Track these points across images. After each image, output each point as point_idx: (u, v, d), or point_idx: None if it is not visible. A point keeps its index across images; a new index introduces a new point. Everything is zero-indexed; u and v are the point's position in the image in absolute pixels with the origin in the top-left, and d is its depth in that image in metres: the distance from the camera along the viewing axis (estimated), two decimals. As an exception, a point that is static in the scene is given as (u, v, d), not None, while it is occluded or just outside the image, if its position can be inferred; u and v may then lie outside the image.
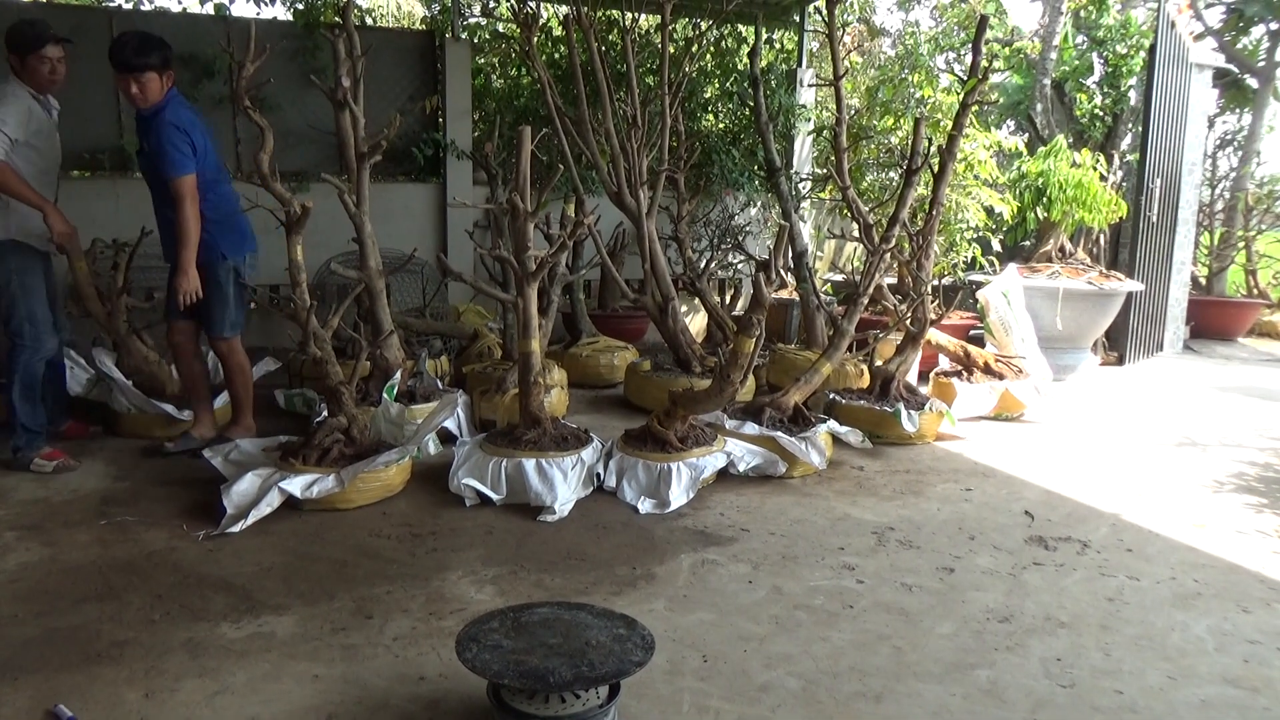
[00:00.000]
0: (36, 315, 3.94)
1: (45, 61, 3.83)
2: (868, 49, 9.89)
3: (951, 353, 5.55)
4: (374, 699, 2.28)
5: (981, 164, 7.04)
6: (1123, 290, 6.73)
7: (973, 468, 4.37)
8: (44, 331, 3.97)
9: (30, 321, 3.93)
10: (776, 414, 4.34)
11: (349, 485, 3.54)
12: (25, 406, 3.94)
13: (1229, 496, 4.04)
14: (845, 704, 2.30)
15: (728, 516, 3.61)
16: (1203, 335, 8.81)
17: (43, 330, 3.96)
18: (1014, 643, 2.63)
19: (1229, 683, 2.44)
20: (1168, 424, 5.36)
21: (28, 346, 3.93)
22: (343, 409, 3.79)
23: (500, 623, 2.28)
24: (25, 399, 3.94)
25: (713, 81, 8.14)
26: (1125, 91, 9.06)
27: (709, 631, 2.66)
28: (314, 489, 3.49)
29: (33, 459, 3.91)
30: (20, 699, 2.23)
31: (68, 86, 4.06)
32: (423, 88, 7.27)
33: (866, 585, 3.01)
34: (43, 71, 3.84)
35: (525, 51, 5.41)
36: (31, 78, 3.85)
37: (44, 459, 3.91)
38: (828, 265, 8.89)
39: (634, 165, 5.20)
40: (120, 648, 2.51)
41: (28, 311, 3.93)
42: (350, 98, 4.38)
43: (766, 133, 6.48)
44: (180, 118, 3.85)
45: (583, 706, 2.10)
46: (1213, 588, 3.04)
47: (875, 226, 5.13)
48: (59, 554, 3.14)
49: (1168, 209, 7.49)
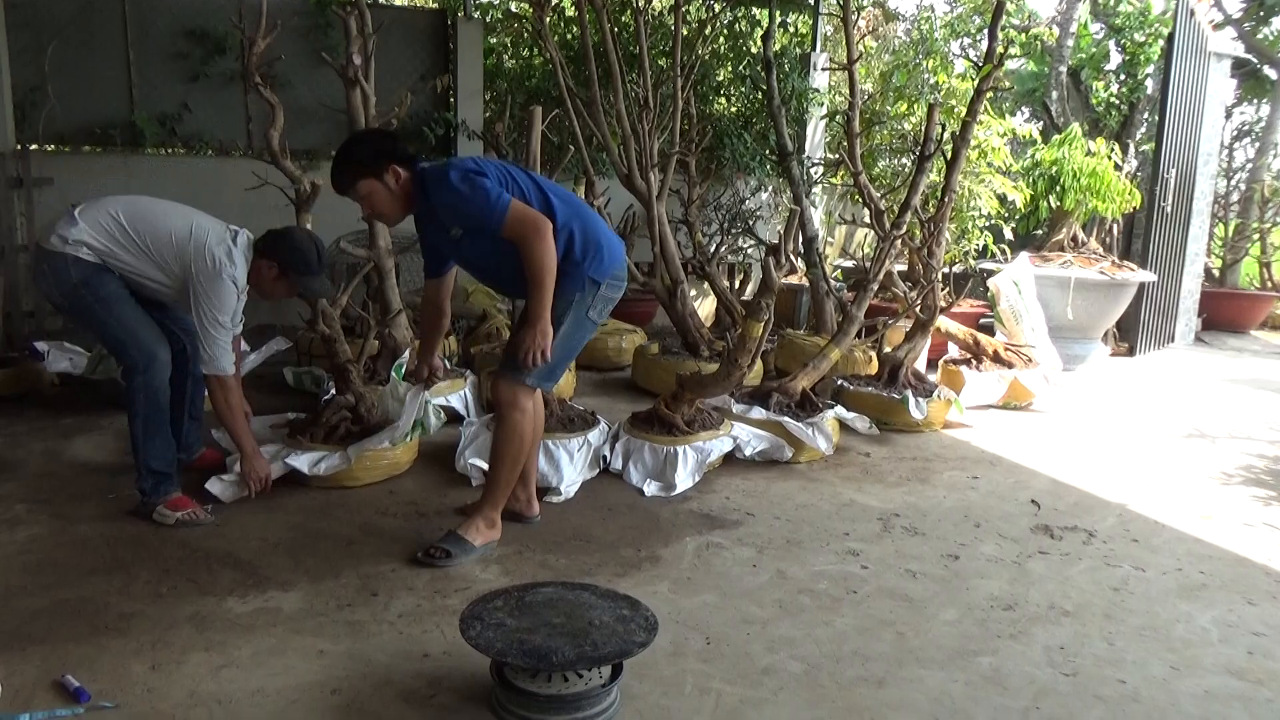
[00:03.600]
0: (135, 328, 3.22)
1: (291, 294, 3.38)
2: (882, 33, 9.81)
3: (961, 341, 5.53)
4: (378, 675, 2.29)
5: (995, 151, 6.99)
6: (1135, 281, 6.68)
7: (980, 456, 4.36)
8: (150, 343, 3.22)
9: (131, 337, 3.21)
10: (784, 399, 4.33)
11: (355, 463, 3.53)
12: (149, 443, 3.21)
13: (1237, 489, 4.02)
14: (848, 688, 2.30)
15: (733, 500, 3.61)
16: (1215, 327, 8.76)
17: (147, 342, 3.22)
18: (1018, 630, 2.63)
19: (1233, 674, 2.43)
20: (1177, 415, 5.33)
21: (139, 366, 3.19)
22: (350, 387, 3.75)
23: (504, 602, 2.29)
24: (149, 433, 3.21)
25: (725, 64, 8.09)
26: (1142, 80, 8.98)
27: (712, 614, 2.66)
28: (321, 466, 3.51)
29: (156, 507, 3.19)
30: (28, 669, 2.25)
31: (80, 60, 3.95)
32: (434, 67, 7.25)
33: (871, 571, 3.01)
34: (277, 289, 3.34)
35: (537, 31, 5.38)
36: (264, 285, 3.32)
37: (168, 508, 3.18)
38: (838, 251, 8.85)
39: (645, 148, 5.18)
40: (127, 620, 2.52)
41: (123, 328, 3.21)
42: (361, 76, 4.37)
43: (779, 117, 6.44)
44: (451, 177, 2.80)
45: (585, 686, 2.11)
46: (1219, 579, 3.03)
47: (886, 213, 5.10)
48: (67, 527, 3.16)
49: (1182, 199, 7.43)
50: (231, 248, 3.20)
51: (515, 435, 3.01)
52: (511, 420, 3.01)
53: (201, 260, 3.14)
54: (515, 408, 3.00)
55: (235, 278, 3.17)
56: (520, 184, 2.91)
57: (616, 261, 3.03)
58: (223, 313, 3.16)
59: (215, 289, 3.14)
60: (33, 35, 6.16)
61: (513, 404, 3.00)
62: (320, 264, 3.30)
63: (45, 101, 6.22)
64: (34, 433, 4.20)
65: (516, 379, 2.98)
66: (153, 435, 3.22)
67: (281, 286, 3.32)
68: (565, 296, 2.92)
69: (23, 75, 6.15)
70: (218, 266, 3.14)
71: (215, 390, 3.22)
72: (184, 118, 6.64)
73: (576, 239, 2.93)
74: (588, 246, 2.95)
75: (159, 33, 6.54)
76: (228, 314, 3.18)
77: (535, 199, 2.90)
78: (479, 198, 2.78)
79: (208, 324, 3.14)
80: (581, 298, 2.96)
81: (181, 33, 6.57)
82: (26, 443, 4.05)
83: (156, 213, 3.23)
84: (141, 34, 6.49)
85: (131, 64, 6.49)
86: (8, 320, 5.52)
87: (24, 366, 4.81)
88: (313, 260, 3.29)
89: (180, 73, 6.62)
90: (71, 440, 4.10)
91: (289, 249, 3.27)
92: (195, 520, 3.18)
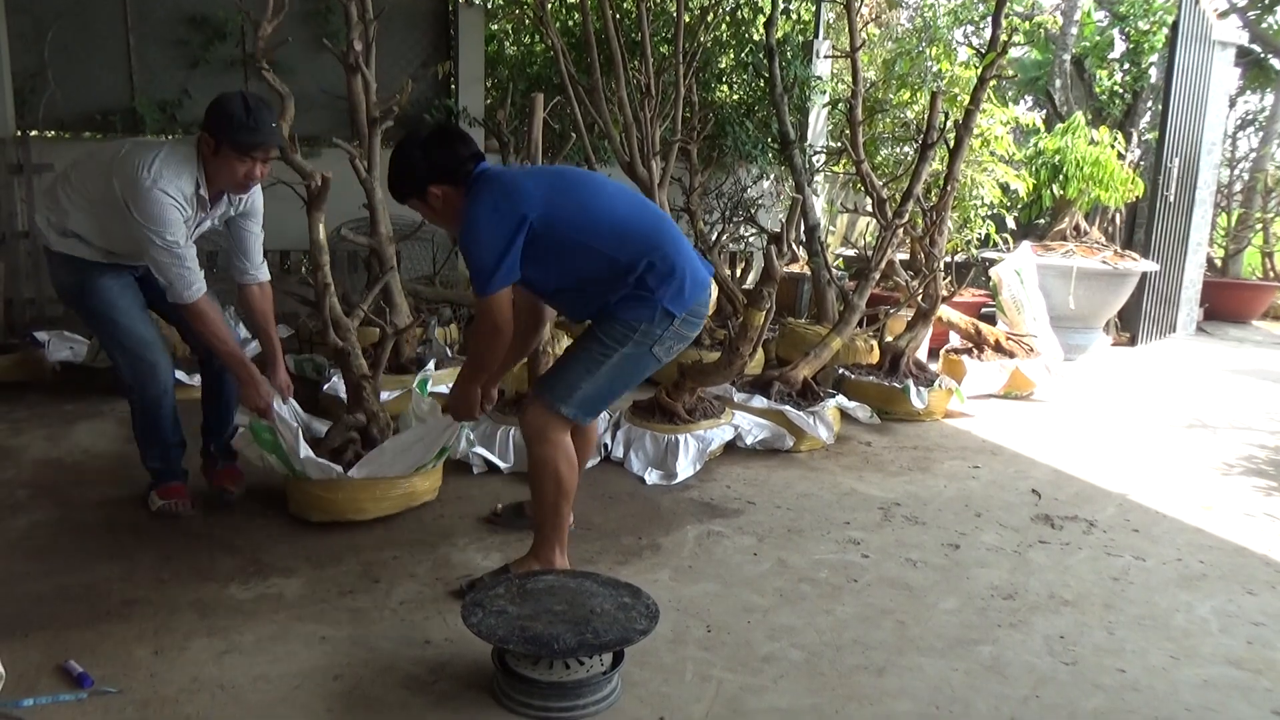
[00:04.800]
0: (127, 338, 3.01)
1: (245, 163, 2.84)
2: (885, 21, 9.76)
3: (962, 330, 5.52)
4: (380, 661, 2.30)
5: (998, 140, 6.96)
6: (1137, 270, 6.67)
7: (981, 445, 4.36)
8: (144, 352, 3.02)
9: (121, 349, 3.03)
10: (785, 388, 4.33)
11: (361, 492, 3.08)
12: (146, 447, 3.17)
13: (1238, 479, 4.02)
14: (847, 676, 2.31)
15: (734, 489, 3.62)
16: (1217, 317, 8.74)
17: (141, 352, 3.02)
18: (1017, 620, 2.64)
19: (1232, 664, 2.44)
20: (1178, 405, 5.33)
21: (134, 381, 3.05)
22: (363, 406, 3.30)
23: (506, 589, 2.30)
24: (147, 440, 3.15)
25: (728, 52, 8.05)
26: (1146, 69, 8.93)
27: (713, 602, 2.67)
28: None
29: (150, 492, 3.21)
30: (32, 654, 2.26)
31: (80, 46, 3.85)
32: (435, 53, 7.22)
33: (871, 560, 3.01)
34: (226, 168, 2.85)
35: (539, 18, 5.35)
36: (220, 171, 2.87)
37: (158, 494, 3.17)
38: (840, 240, 8.83)
39: (647, 135, 5.16)
40: (130, 606, 2.53)
41: (119, 335, 3.02)
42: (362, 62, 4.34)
43: (781, 104, 6.41)
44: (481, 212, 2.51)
45: (586, 673, 2.12)
46: (1219, 569, 3.04)
47: (889, 201, 5.09)
48: (70, 513, 3.17)
49: (1185, 189, 7.40)
50: (162, 154, 2.78)
51: (547, 473, 2.58)
52: (540, 455, 2.58)
53: (124, 174, 2.75)
54: (544, 440, 2.57)
55: (164, 188, 2.74)
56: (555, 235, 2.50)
57: (699, 294, 2.61)
58: (165, 230, 2.75)
59: (145, 204, 2.72)
60: (33, 21, 6.13)
61: (541, 436, 2.58)
62: (249, 113, 2.76)
63: (45, 87, 6.20)
64: (35, 419, 4.20)
65: (550, 407, 2.56)
66: (150, 443, 3.15)
67: (226, 161, 2.81)
68: (628, 323, 2.54)
69: (23, 61, 6.12)
70: (138, 177, 2.72)
71: (192, 321, 2.94)
72: (184, 104, 6.61)
73: (655, 268, 2.54)
74: (665, 275, 2.54)
75: (159, 18, 6.51)
76: (171, 230, 2.76)
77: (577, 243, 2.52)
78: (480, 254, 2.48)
79: (154, 251, 2.77)
80: (649, 328, 2.54)
81: (182, 19, 6.54)
82: (28, 429, 4.05)
83: (94, 152, 2.97)
84: (141, 19, 6.46)
85: (132, 50, 6.46)
86: (9, 307, 5.52)
87: (25, 353, 4.81)
88: (236, 110, 2.75)
89: (181, 59, 6.58)
90: (73, 427, 4.11)
91: (214, 110, 2.80)
92: (173, 511, 3.11)
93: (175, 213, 2.77)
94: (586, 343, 2.61)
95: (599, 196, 2.62)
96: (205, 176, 2.86)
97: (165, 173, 2.76)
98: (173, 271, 2.81)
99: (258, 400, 3.04)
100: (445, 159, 2.57)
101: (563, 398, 2.56)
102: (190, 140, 2.89)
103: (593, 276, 2.57)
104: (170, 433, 3.17)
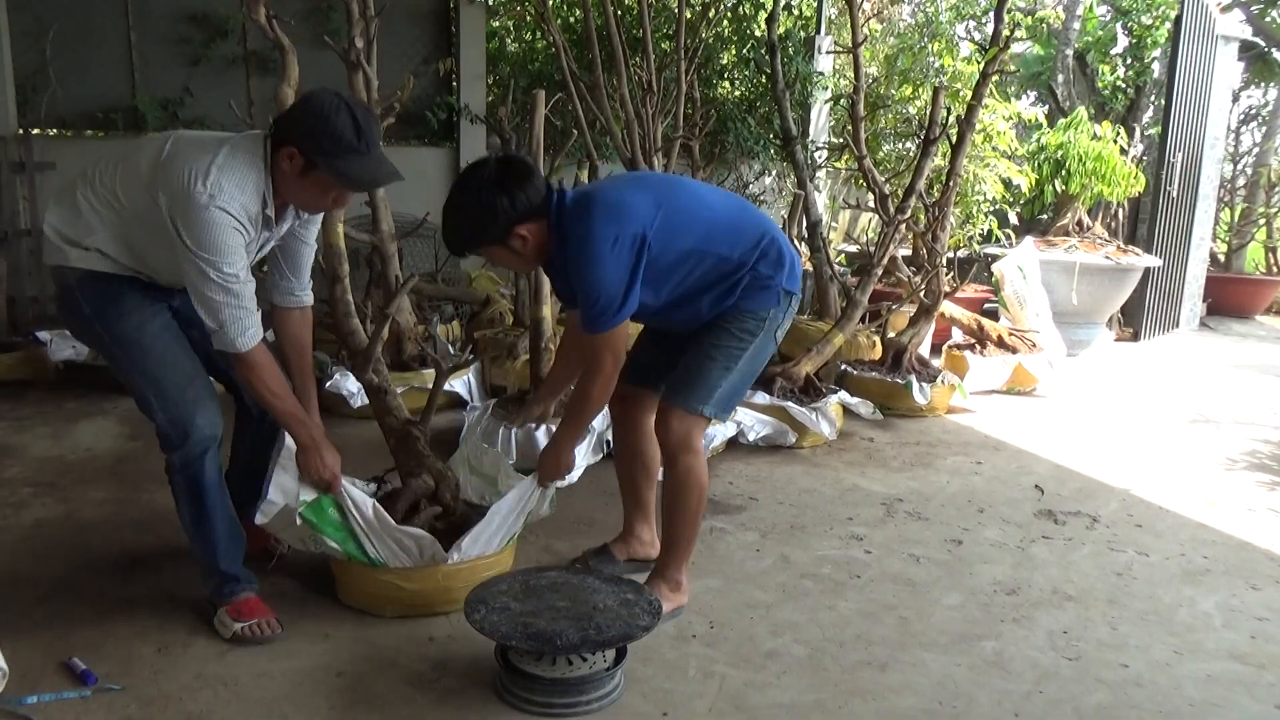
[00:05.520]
0: (164, 384, 2.30)
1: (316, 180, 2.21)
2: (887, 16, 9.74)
3: (965, 326, 5.52)
4: (383, 658, 2.30)
5: (1000, 135, 6.94)
6: (1140, 266, 6.66)
7: (983, 441, 4.36)
8: (184, 406, 2.30)
9: (158, 398, 2.30)
10: (787, 384, 4.33)
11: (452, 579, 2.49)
12: (199, 536, 2.40)
13: (1241, 474, 4.02)
14: (850, 672, 2.31)
15: (736, 485, 3.62)
16: (1220, 312, 8.72)
17: (180, 405, 2.29)
18: (1020, 615, 2.64)
19: (1235, 659, 2.43)
20: (1181, 401, 5.32)
21: (171, 441, 2.32)
22: (425, 464, 2.63)
23: (509, 585, 2.30)
24: (198, 525, 2.38)
25: (729, 48, 8.03)
26: (1149, 63, 8.91)
27: (716, 598, 2.67)
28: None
29: (217, 611, 2.40)
30: (35, 652, 2.26)
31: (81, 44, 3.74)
32: (437, 50, 7.21)
33: (874, 556, 3.01)
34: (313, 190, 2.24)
35: (540, 15, 5.34)
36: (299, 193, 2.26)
37: (229, 613, 2.36)
38: (842, 236, 8.82)
39: (649, 132, 5.15)
40: (133, 603, 2.54)
41: (151, 367, 2.31)
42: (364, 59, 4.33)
43: (783, 100, 6.40)
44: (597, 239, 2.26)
45: (589, 669, 2.12)
46: (1222, 564, 3.03)
47: (891, 197, 5.08)
48: (73, 510, 3.17)
49: (1188, 184, 7.39)
50: (220, 160, 2.13)
51: (693, 483, 2.47)
52: (687, 465, 2.45)
53: (171, 186, 2.11)
54: (690, 449, 2.45)
55: (225, 205, 2.10)
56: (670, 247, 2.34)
57: (799, 270, 2.56)
58: (223, 260, 2.12)
59: (199, 227, 2.09)
60: (34, 18, 6.13)
61: (687, 444, 2.44)
62: (360, 134, 2.15)
63: (47, 85, 6.19)
64: (38, 417, 4.21)
65: (693, 411, 2.43)
66: (203, 527, 2.38)
67: (317, 185, 2.21)
68: (756, 313, 2.46)
69: (24, 59, 6.12)
70: (191, 191, 2.09)
71: (243, 373, 2.31)
72: (186, 102, 6.61)
73: (767, 255, 2.45)
74: (777, 259, 2.47)
75: (160, 16, 6.50)
76: (229, 260, 2.13)
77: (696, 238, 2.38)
78: (603, 287, 2.26)
79: (204, 286, 2.13)
80: (775, 313, 2.48)
81: (183, 16, 6.54)
82: (31, 427, 4.06)
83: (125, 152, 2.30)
84: (143, 17, 6.46)
85: (133, 47, 6.45)
86: (12, 305, 5.52)
87: (28, 351, 4.82)
88: (343, 128, 2.13)
89: (182, 56, 6.58)
90: (76, 425, 4.12)
91: (307, 119, 2.15)
92: (257, 636, 2.34)
93: (237, 237, 2.14)
94: (715, 339, 2.46)
95: (695, 196, 2.48)
96: (273, 189, 2.23)
97: (226, 185, 2.12)
98: (226, 313, 2.17)
99: (321, 470, 2.39)
100: (530, 193, 2.28)
101: (704, 399, 2.43)
102: (252, 141, 2.23)
103: (704, 283, 2.43)
104: (227, 516, 2.43)
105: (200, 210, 2.09)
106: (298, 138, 2.15)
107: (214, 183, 2.10)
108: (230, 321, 2.18)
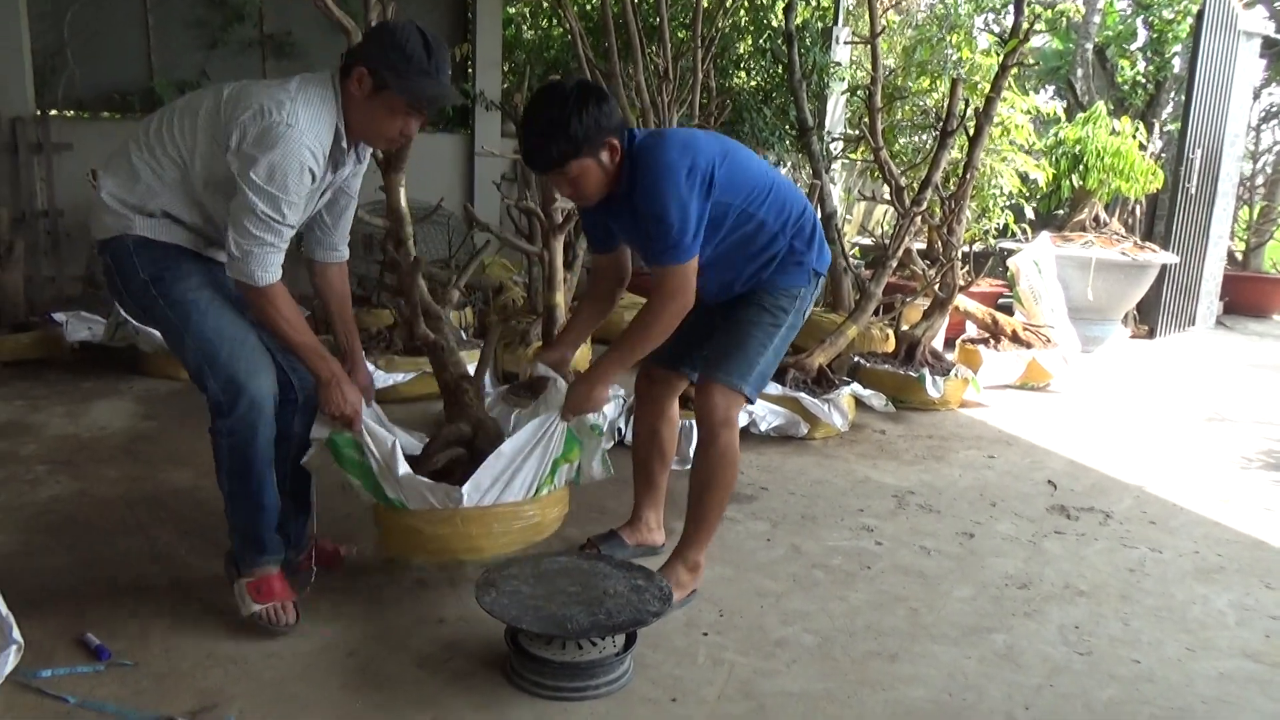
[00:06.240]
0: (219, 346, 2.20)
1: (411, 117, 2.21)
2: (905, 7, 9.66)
3: (979, 320, 5.49)
4: (394, 638, 2.31)
5: (1018, 129, 6.90)
6: (1157, 262, 6.61)
7: (996, 435, 4.34)
8: (240, 370, 2.19)
9: (211, 360, 2.20)
10: (800, 375, 4.32)
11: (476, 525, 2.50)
12: (235, 505, 2.33)
13: (1257, 473, 3.99)
14: (860, 662, 2.30)
15: (748, 475, 3.61)
16: (1236, 311, 8.66)
17: (234, 369, 2.19)
18: (1032, 609, 2.63)
19: (1249, 657, 2.42)
20: (1197, 399, 5.29)
21: (221, 404, 2.21)
22: (465, 412, 2.72)
23: (520, 569, 2.30)
24: (235, 494, 2.31)
25: (746, 37, 8.00)
26: (1169, 58, 8.82)
27: (726, 587, 2.67)
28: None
29: (236, 579, 2.35)
30: (50, 627, 2.27)
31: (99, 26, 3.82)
32: (453, 36, 7.21)
33: (885, 547, 3.00)
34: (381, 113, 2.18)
35: (557, 2, 5.33)
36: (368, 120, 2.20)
37: (249, 590, 2.31)
38: (856, 228, 8.79)
39: (664, 120, 5.13)
40: (147, 580, 2.55)
41: (202, 345, 2.21)
42: (381, 43, 4.32)
43: (799, 91, 6.38)
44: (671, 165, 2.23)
45: (599, 654, 2.12)
46: (1236, 562, 3.01)
47: (906, 189, 5.05)
48: (88, 488, 3.19)
49: (1207, 181, 7.32)
50: (293, 92, 2.10)
51: (730, 460, 2.45)
52: (724, 441, 2.42)
53: (245, 118, 2.06)
54: (730, 425, 2.42)
55: (303, 136, 2.06)
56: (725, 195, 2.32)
57: (828, 253, 2.57)
58: (282, 198, 2.07)
59: (276, 153, 2.04)
60: (52, 1, 6.15)
61: (728, 420, 2.42)
62: (431, 56, 2.13)
63: (64, 67, 6.22)
64: (54, 396, 4.23)
65: (734, 387, 2.40)
66: (240, 497, 2.30)
67: (385, 107, 2.15)
68: (789, 291, 2.47)
69: (42, 41, 6.14)
70: (270, 119, 2.04)
71: (262, 306, 2.19)
72: (203, 85, 6.62)
73: (802, 231, 2.47)
74: (810, 236, 2.48)
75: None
76: (289, 199, 2.08)
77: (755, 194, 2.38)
78: (677, 213, 2.22)
79: (249, 220, 2.07)
80: (806, 292, 2.50)
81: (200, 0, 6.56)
82: (47, 406, 4.08)
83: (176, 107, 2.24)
84: (160, 0, 6.47)
85: (150, 30, 6.47)
86: (29, 286, 5.55)
87: (44, 331, 4.84)
88: (415, 49, 2.11)
89: (199, 39, 6.60)
90: (91, 404, 4.14)
91: (380, 40, 2.15)
92: (272, 623, 2.28)
93: (306, 176, 2.10)
94: (750, 315, 2.45)
95: (749, 156, 2.45)
96: (346, 124, 2.19)
97: (303, 116, 2.07)
98: (257, 248, 2.10)
99: (343, 405, 2.31)
100: (614, 110, 2.26)
101: (745, 376, 2.41)
102: (322, 78, 2.18)
103: (744, 247, 2.42)
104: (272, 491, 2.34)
105: (280, 135, 2.04)
106: (369, 57, 2.13)
107: (290, 112, 2.06)
108: (258, 255, 2.11)
